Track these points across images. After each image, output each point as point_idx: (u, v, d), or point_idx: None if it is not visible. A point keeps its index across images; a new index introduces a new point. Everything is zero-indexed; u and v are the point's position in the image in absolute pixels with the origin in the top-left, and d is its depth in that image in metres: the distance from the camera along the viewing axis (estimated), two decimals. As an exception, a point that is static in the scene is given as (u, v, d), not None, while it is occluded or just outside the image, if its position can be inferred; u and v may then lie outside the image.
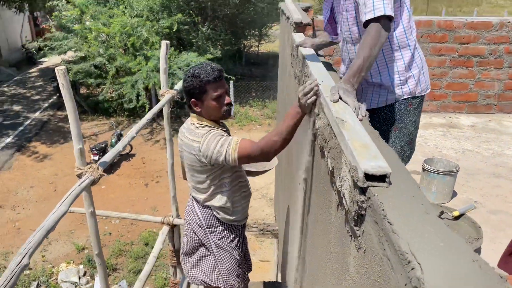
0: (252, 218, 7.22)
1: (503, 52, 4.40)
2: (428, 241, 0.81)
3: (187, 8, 11.32)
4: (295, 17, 2.71)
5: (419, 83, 1.90)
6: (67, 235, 7.09)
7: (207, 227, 2.22)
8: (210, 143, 1.93)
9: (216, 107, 2.00)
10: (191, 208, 2.28)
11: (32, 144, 10.34)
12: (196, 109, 2.02)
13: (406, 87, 1.87)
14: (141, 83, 9.60)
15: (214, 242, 2.24)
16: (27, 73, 15.94)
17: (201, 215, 2.22)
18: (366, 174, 0.99)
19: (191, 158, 2.04)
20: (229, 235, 2.25)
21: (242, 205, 2.24)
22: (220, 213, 2.19)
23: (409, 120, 1.93)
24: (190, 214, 2.28)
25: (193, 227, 2.25)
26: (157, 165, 9.29)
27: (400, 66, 1.85)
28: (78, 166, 2.02)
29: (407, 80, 1.87)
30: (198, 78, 1.96)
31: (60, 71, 1.81)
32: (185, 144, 2.05)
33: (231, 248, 2.26)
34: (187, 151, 2.04)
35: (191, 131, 2.03)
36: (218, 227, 2.22)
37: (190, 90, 1.99)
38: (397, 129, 1.94)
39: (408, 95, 1.88)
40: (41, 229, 1.60)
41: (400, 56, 1.84)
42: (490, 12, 22.51)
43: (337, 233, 1.29)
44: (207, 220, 2.21)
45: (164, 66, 3.19)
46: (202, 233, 2.23)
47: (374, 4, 1.56)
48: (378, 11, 1.54)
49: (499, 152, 3.72)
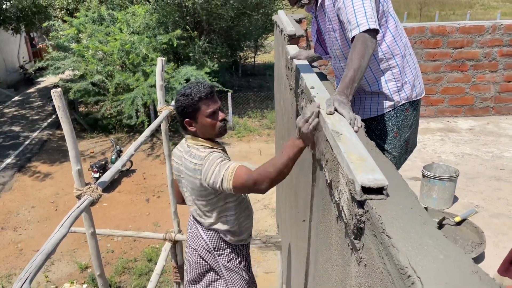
0: (255, 230, 7.17)
1: (497, 55, 4.42)
2: (427, 253, 0.81)
3: (183, 23, 11.42)
4: (289, 30, 2.73)
5: (414, 88, 1.94)
6: (69, 254, 7.04)
7: (215, 250, 2.17)
8: (210, 166, 1.89)
9: (210, 124, 1.97)
10: (195, 233, 2.21)
11: (33, 163, 10.33)
12: (191, 128, 1.99)
13: (402, 93, 1.91)
14: (140, 100, 9.64)
15: (223, 265, 2.18)
16: (25, 93, 15.99)
17: (207, 239, 2.16)
18: (363, 187, 0.99)
19: (194, 183, 1.98)
20: (236, 257, 2.21)
21: (247, 224, 2.21)
22: (227, 235, 2.14)
23: (407, 124, 1.98)
24: (196, 239, 2.20)
25: (200, 252, 2.18)
26: (158, 180, 9.27)
27: (395, 73, 1.89)
28: (77, 187, 2.01)
29: (403, 86, 1.91)
30: (190, 97, 1.93)
31: (55, 93, 1.82)
32: (188, 168, 1.98)
33: (240, 270, 2.22)
34: (190, 175, 1.98)
35: (192, 154, 1.97)
36: (226, 250, 2.17)
37: (183, 110, 1.96)
38: (397, 134, 1.98)
39: (405, 100, 1.92)
40: (41, 253, 1.59)
41: (394, 63, 1.88)
42: (483, 14, 22.68)
43: (338, 246, 1.28)
44: (214, 243, 2.16)
45: (160, 82, 3.20)
46: (211, 257, 2.18)
47: (357, 20, 1.60)
48: (362, 27, 1.58)
49: (498, 155, 3.72)
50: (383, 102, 1.93)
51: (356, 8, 1.61)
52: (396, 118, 1.95)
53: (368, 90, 1.94)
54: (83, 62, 10.14)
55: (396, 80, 1.89)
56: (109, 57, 10.08)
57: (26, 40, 16.82)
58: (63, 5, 12.67)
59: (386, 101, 1.92)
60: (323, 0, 1.85)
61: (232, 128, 11.46)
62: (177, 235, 3.52)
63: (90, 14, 10.68)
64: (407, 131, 2.00)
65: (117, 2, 11.34)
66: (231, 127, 11.42)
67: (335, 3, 1.73)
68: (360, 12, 1.60)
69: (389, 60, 1.88)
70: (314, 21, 2.04)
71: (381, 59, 1.87)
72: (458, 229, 2.51)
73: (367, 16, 1.59)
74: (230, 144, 10.79)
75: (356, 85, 1.60)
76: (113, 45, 9.66)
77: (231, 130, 11.34)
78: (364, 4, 1.61)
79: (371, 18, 1.60)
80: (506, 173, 3.39)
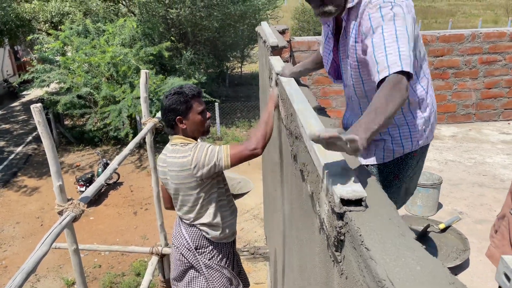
0: (244, 240, 7.14)
1: (477, 63, 4.52)
2: (404, 265, 0.81)
3: (168, 34, 11.44)
4: (271, 41, 2.75)
5: (428, 136, 1.73)
6: (56, 270, 6.91)
7: (195, 249, 2.22)
8: (200, 152, 1.98)
9: (201, 121, 2.08)
10: (178, 232, 2.29)
11: (19, 178, 10.17)
12: (181, 126, 2.06)
13: (415, 141, 1.69)
14: (125, 112, 9.59)
15: (203, 263, 2.24)
16: (9, 107, 15.78)
17: (188, 238, 2.22)
18: (342, 199, 1.00)
19: (182, 176, 2.04)
20: (218, 254, 2.25)
21: (230, 220, 2.25)
22: (209, 232, 2.19)
23: (411, 167, 1.77)
24: (178, 238, 2.28)
25: (182, 250, 2.25)
26: (145, 192, 9.18)
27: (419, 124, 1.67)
28: (59, 203, 1.99)
29: (417, 135, 1.69)
30: (183, 95, 2.02)
31: (35, 109, 1.80)
32: (174, 165, 2.05)
33: (220, 267, 2.26)
34: (177, 171, 2.04)
35: (176, 150, 2.05)
36: (207, 247, 2.23)
37: (176, 107, 2.03)
38: (397, 177, 1.77)
39: (416, 147, 1.71)
40: (21, 272, 1.56)
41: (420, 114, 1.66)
42: (465, 22, 23.17)
43: (321, 258, 1.28)
44: (196, 241, 2.22)
45: (144, 94, 3.19)
46: (191, 255, 2.23)
47: (387, 60, 1.29)
48: (394, 67, 1.27)
49: (481, 161, 3.77)
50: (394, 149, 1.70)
51: (388, 47, 1.31)
52: (402, 162, 1.73)
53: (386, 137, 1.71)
54: (69, 74, 10.08)
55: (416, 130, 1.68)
56: (95, 69, 10.03)
57: (10, 53, 16.63)
58: (47, 18, 12.59)
59: (397, 149, 1.70)
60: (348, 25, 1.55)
61: (220, 138, 11.47)
62: (164, 249, 3.49)
63: (75, 27, 10.64)
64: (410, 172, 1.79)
65: (102, 15, 11.32)
66: (219, 137, 11.43)
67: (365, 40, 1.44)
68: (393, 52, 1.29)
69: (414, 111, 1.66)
70: (329, 36, 1.72)
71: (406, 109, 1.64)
72: (442, 236, 2.53)
73: (401, 56, 1.28)
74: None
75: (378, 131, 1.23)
76: (102, 58, 9.63)
77: (219, 140, 11.35)
78: (399, 42, 1.30)
79: (406, 59, 1.28)
80: (489, 179, 3.43)
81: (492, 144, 4.17)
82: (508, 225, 1.43)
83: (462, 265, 2.36)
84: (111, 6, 11.96)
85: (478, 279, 2.31)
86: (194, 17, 10.79)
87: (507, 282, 0.71)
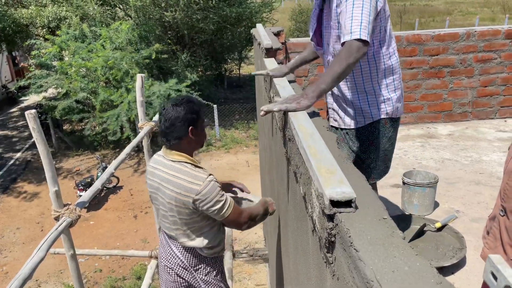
0: (244, 242, 7.15)
1: (472, 61, 4.53)
2: (393, 266, 0.82)
3: (165, 37, 11.44)
4: (265, 43, 2.76)
5: (396, 107, 1.99)
6: (56, 275, 6.91)
7: (192, 267, 2.15)
8: (212, 191, 1.88)
9: (205, 135, 2.04)
10: (169, 252, 2.18)
11: (18, 184, 10.17)
12: (192, 137, 1.94)
13: (383, 109, 1.96)
14: (124, 116, 9.58)
15: (202, 280, 2.18)
16: (8, 113, 15.79)
17: (182, 257, 2.14)
18: (332, 201, 1.01)
19: (181, 200, 1.91)
20: (213, 270, 2.21)
21: (221, 236, 2.22)
22: (204, 250, 2.13)
23: (385, 135, 2.01)
24: (171, 258, 2.17)
25: (177, 271, 2.16)
26: (145, 196, 9.18)
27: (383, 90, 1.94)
28: (55, 208, 1.99)
29: (385, 103, 1.96)
30: (197, 104, 1.96)
31: (30, 115, 1.81)
32: (171, 183, 1.93)
33: (217, 281, 2.23)
34: (176, 192, 1.91)
35: (183, 171, 1.91)
36: (202, 264, 2.16)
37: (190, 117, 1.92)
38: (373, 143, 2.02)
39: (385, 115, 1.97)
40: (17, 278, 1.57)
41: (384, 81, 1.93)
42: (462, 20, 23.19)
43: (314, 259, 1.29)
44: (190, 260, 2.14)
45: (140, 98, 3.20)
46: (188, 274, 2.16)
47: (352, 27, 1.61)
48: (354, 35, 1.60)
49: (478, 159, 3.78)
50: (367, 115, 1.97)
51: (354, 15, 1.63)
52: (374, 129, 1.99)
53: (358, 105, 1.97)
54: (66, 79, 10.08)
55: (384, 96, 1.94)
56: (92, 73, 10.04)
57: (8, 59, 16.65)
58: (44, 24, 12.60)
59: (370, 114, 1.97)
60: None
61: (219, 140, 11.49)
62: (163, 252, 3.49)
63: (72, 32, 10.65)
64: (385, 143, 2.03)
65: (99, 19, 11.33)
66: (218, 139, 11.45)
67: (340, 5, 1.74)
68: (356, 20, 1.61)
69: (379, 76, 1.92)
70: (316, 8, 2.01)
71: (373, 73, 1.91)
72: (439, 235, 2.53)
73: (362, 26, 1.60)
74: (218, 156, 10.78)
75: (327, 90, 1.65)
76: (96, 62, 9.63)
77: (218, 141, 11.38)
78: (363, 14, 1.62)
79: (365, 29, 1.60)
80: (485, 177, 3.44)
81: (489, 142, 4.18)
82: (499, 226, 1.44)
83: (459, 263, 2.37)
84: (108, 10, 11.98)
85: (475, 277, 2.32)
86: (190, 20, 10.80)
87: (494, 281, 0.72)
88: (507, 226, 1.38)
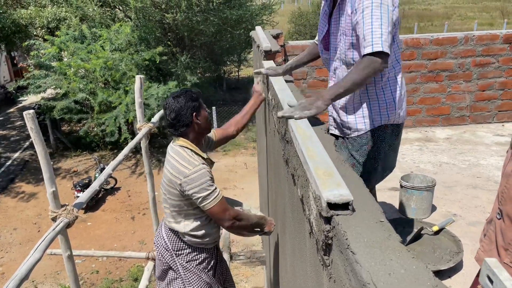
0: (242, 244, 7.13)
1: (471, 65, 4.54)
2: (389, 268, 0.82)
3: (165, 39, 11.45)
4: (264, 46, 2.77)
5: (398, 113, 1.98)
6: (53, 276, 6.88)
7: (173, 250, 2.23)
8: (198, 178, 1.98)
9: (208, 118, 2.17)
10: (159, 231, 2.31)
11: (16, 184, 10.15)
12: (197, 121, 2.09)
13: (385, 115, 1.95)
14: (122, 117, 9.57)
15: (181, 265, 2.23)
16: (6, 113, 15.77)
17: (167, 239, 2.23)
18: (329, 203, 1.01)
19: (172, 181, 2.05)
20: (197, 258, 2.24)
21: (213, 229, 2.23)
22: (185, 236, 2.18)
23: (386, 142, 2.01)
24: (158, 237, 2.30)
25: (160, 250, 2.27)
26: (143, 197, 9.17)
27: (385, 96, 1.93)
28: (52, 209, 1.99)
29: (387, 109, 1.95)
30: (191, 92, 2.11)
31: (28, 115, 1.81)
32: (171, 166, 2.06)
33: (199, 271, 2.24)
34: (171, 173, 2.05)
35: (181, 155, 2.05)
36: (185, 250, 2.22)
37: (191, 104, 2.07)
38: (373, 150, 2.01)
39: (387, 122, 1.97)
40: (13, 279, 1.56)
41: (387, 87, 1.92)
42: (461, 25, 23.28)
43: (311, 262, 1.29)
44: (173, 243, 2.22)
45: (139, 100, 3.20)
46: (169, 255, 2.24)
47: (373, 39, 1.62)
48: (376, 47, 1.61)
49: (475, 163, 3.79)
50: (364, 122, 1.97)
51: (374, 27, 1.64)
52: (375, 136, 1.98)
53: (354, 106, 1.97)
54: (65, 80, 10.07)
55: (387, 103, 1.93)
56: (91, 74, 10.03)
57: (7, 59, 16.64)
58: (43, 24, 12.58)
59: (368, 121, 1.96)
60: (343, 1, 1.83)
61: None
62: (160, 254, 3.48)
63: (71, 32, 10.64)
64: (384, 146, 2.02)
65: (98, 20, 11.33)
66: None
67: (356, 14, 1.73)
68: (376, 33, 1.62)
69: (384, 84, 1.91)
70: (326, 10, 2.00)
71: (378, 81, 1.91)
72: (436, 239, 2.54)
73: (383, 39, 1.62)
74: (216, 158, 10.77)
75: (342, 95, 1.68)
76: (96, 63, 9.63)
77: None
78: (382, 26, 1.63)
79: (386, 41, 1.62)
80: (483, 180, 3.45)
81: (486, 146, 4.19)
82: (495, 230, 1.44)
83: (456, 267, 2.37)
84: (108, 12, 11.97)
85: (471, 281, 2.32)
86: (190, 22, 10.80)
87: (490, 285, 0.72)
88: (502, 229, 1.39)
